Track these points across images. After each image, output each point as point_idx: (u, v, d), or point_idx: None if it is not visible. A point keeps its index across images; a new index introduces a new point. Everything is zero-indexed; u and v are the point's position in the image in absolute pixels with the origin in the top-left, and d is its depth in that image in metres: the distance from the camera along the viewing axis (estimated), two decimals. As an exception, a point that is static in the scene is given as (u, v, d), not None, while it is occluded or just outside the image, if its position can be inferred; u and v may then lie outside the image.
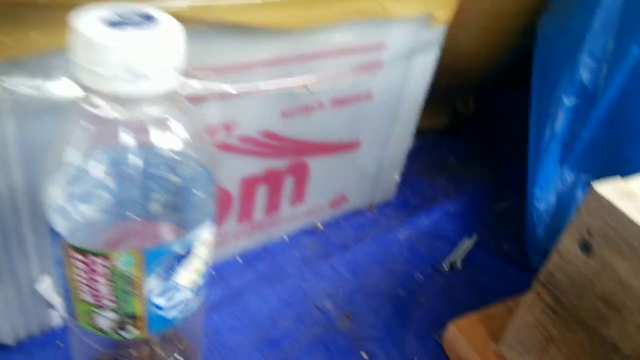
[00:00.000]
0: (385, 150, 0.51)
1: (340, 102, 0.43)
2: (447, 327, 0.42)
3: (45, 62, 0.27)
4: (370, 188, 0.54)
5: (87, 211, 0.23)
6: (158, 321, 0.26)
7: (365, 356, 0.41)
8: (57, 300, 0.36)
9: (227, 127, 0.37)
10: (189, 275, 0.26)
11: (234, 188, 0.42)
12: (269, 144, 0.41)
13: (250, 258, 0.48)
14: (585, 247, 0.31)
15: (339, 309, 0.45)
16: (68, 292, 0.25)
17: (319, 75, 0.39)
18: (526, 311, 0.36)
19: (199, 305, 0.29)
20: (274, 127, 0.40)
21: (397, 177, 0.55)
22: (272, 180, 0.44)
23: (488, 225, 0.56)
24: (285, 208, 0.47)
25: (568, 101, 0.46)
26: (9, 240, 0.32)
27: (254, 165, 0.41)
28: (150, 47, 0.20)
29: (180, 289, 0.26)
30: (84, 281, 0.24)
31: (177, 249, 0.24)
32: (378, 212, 0.56)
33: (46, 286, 0.35)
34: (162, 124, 0.23)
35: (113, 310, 0.25)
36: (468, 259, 0.51)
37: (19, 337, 0.37)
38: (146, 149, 0.23)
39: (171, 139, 0.23)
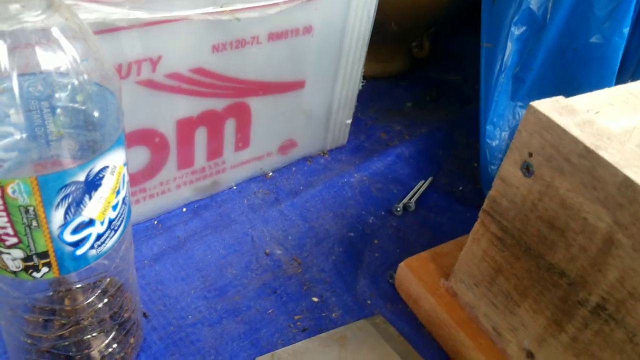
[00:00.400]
0: (333, 91, 0.49)
1: (277, 35, 0.41)
2: (399, 267, 0.41)
3: None
4: (320, 133, 0.52)
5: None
6: (70, 259, 0.24)
7: (315, 299, 0.40)
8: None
9: (151, 62, 0.35)
10: (100, 208, 0.24)
11: (168, 131, 0.39)
12: (201, 82, 0.38)
13: (196, 208, 0.46)
14: (527, 169, 0.30)
15: (289, 255, 0.43)
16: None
17: (253, 3, 0.36)
18: (473, 243, 0.35)
19: (118, 242, 0.27)
20: (204, 63, 0.38)
21: (348, 120, 0.53)
22: (211, 122, 0.41)
23: (443, 167, 0.55)
24: (230, 154, 0.45)
25: (517, 31, 0.45)
26: None
27: (189, 106, 0.39)
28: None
29: (91, 223, 0.24)
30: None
31: (79, 177, 0.22)
32: (330, 157, 0.54)
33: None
34: (48, 37, 0.21)
35: (19, 247, 0.23)
36: (422, 201, 0.50)
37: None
38: (35, 68, 0.21)
39: (60, 55, 0.21)
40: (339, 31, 0.45)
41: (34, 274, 0.24)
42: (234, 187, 0.48)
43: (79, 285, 0.28)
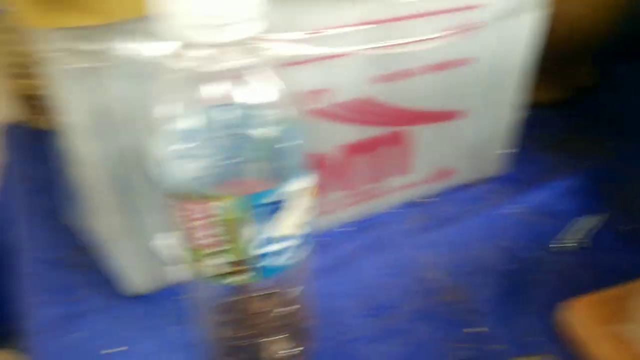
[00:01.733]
0: (491, 121, 0.49)
1: (439, 66, 0.42)
2: (563, 308, 0.39)
3: (137, 26, 0.29)
4: (477, 161, 0.52)
5: (186, 163, 0.25)
6: (264, 269, 0.27)
7: (475, 330, 0.40)
8: (169, 256, 0.39)
9: (323, 93, 0.38)
10: (293, 224, 0.27)
11: (334, 156, 0.42)
12: (365, 111, 0.41)
13: (358, 227, 0.48)
14: None
15: (447, 282, 0.43)
16: (181, 241, 0.27)
17: (415, 37, 0.38)
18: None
19: (303, 257, 0.29)
20: (369, 93, 0.40)
21: (506, 150, 0.53)
22: (373, 149, 0.44)
23: (609, 204, 0.51)
24: (390, 179, 0.47)
25: None
26: (135, 198, 0.35)
27: (354, 133, 0.42)
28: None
29: (285, 238, 0.27)
30: (192, 228, 0.25)
31: (276, 197, 0.25)
32: (486, 186, 0.53)
33: (165, 242, 0.38)
34: (248, 76, 0.24)
35: (223, 255, 0.26)
36: (586, 238, 0.47)
37: (150, 288, 0.40)
38: (236, 102, 0.24)
39: (259, 91, 0.24)
40: (500, 61, 0.45)
41: (232, 278, 0.27)
42: (392, 211, 0.50)
43: (261, 293, 0.31)
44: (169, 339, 0.38)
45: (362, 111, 0.41)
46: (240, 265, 0.27)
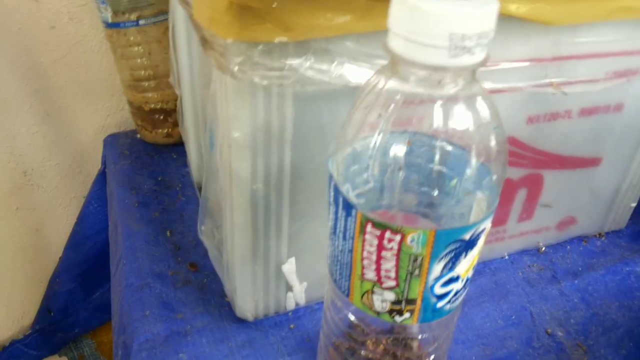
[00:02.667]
0: (626, 172, 0.46)
1: (588, 111, 0.40)
2: None
3: (329, 47, 0.28)
4: (602, 213, 0.49)
5: (380, 186, 0.23)
6: (431, 310, 0.25)
7: (606, 395, 0.37)
8: (297, 284, 0.38)
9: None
10: (467, 267, 0.25)
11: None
12: (512, 151, 0.39)
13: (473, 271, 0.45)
14: None
15: (572, 339, 0.40)
16: (346, 269, 0.26)
17: (576, 78, 0.36)
18: None
19: (459, 305, 0.27)
20: (519, 132, 0.38)
21: (633, 204, 0.49)
22: (505, 190, 0.41)
23: None
24: (512, 223, 0.45)
25: None
26: (269, 220, 0.34)
27: (493, 172, 0.40)
28: (476, 19, 0.20)
29: (457, 280, 0.25)
30: (372, 257, 0.24)
31: (466, 235, 0.23)
32: (607, 240, 0.50)
33: (291, 268, 0.37)
34: (466, 103, 0.22)
35: (393, 291, 0.25)
36: None
37: (257, 315, 0.39)
38: (444, 128, 0.22)
39: (471, 119, 0.23)
40: (646, 110, 0.42)
41: (396, 317, 0.26)
42: (506, 257, 0.47)
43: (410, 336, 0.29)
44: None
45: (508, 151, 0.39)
46: (408, 304, 0.25)
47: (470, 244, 0.24)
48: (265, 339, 0.38)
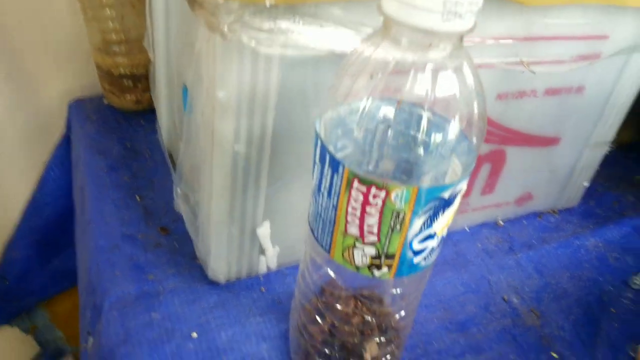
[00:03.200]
0: (582, 152, 0.49)
1: (552, 91, 0.42)
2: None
3: (317, 12, 0.29)
4: (557, 190, 0.52)
5: (366, 147, 0.24)
6: (407, 265, 0.27)
7: (555, 356, 0.40)
8: (270, 247, 0.39)
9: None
10: (443, 225, 0.26)
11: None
12: (482, 126, 0.40)
13: (434, 242, 0.47)
14: None
15: (526, 305, 0.43)
16: (329, 225, 0.27)
17: (546, 58, 0.38)
18: None
19: (432, 262, 0.29)
20: (488, 109, 0.40)
21: (586, 183, 0.53)
22: (472, 164, 0.43)
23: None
24: (475, 197, 0.47)
25: None
26: (248, 182, 0.35)
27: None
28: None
29: (434, 237, 0.26)
30: (356, 213, 0.25)
31: (445, 194, 0.25)
32: (560, 217, 0.53)
33: (266, 232, 0.38)
34: (453, 69, 0.24)
35: (374, 246, 0.26)
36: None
37: (230, 277, 0.40)
38: (432, 93, 0.24)
39: (457, 85, 0.24)
40: (606, 94, 0.45)
41: (375, 271, 0.27)
42: (467, 230, 0.50)
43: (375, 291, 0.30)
44: (249, 330, 0.37)
45: (471, 125, 0.41)
46: (387, 258, 0.26)
47: (448, 203, 0.25)
48: (237, 300, 0.39)
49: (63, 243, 0.64)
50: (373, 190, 0.24)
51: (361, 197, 0.25)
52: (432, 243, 0.27)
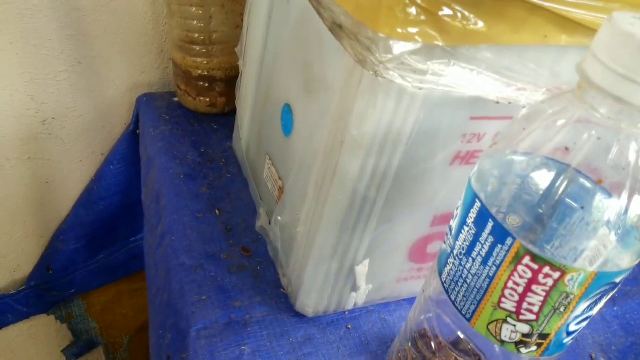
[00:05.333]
0: None
1: None
2: None
3: (473, 54, 0.27)
4: None
5: (545, 221, 0.22)
6: (557, 345, 0.25)
7: None
8: (364, 285, 0.37)
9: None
10: (600, 306, 0.24)
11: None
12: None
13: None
14: None
15: (615, 365, 0.41)
16: (477, 294, 0.25)
17: None
18: None
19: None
20: None
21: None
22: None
23: None
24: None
25: None
26: (359, 221, 0.33)
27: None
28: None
29: (589, 319, 0.24)
30: (517, 289, 0.23)
31: (619, 279, 0.23)
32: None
33: (363, 269, 0.36)
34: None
35: (530, 324, 0.24)
36: None
37: (317, 311, 0.38)
38: (632, 172, 0.22)
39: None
40: None
41: (522, 349, 0.25)
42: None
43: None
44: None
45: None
46: (540, 338, 0.24)
47: (616, 286, 0.23)
48: (324, 337, 0.37)
49: (111, 239, 0.63)
50: (546, 269, 0.22)
51: (529, 275, 0.23)
52: (585, 324, 0.25)
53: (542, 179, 0.23)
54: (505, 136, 0.25)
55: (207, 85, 0.52)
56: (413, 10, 0.25)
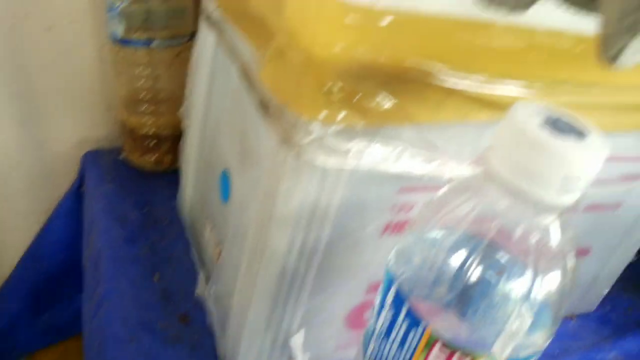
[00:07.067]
0: (608, 261, 0.49)
1: (592, 208, 0.42)
2: None
3: (395, 133, 0.28)
4: (578, 297, 0.51)
5: (457, 308, 0.23)
6: None
7: None
8: (300, 356, 0.37)
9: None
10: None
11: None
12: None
13: None
14: None
15: None
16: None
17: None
18: None
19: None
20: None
21: (606, 290, 0.52)
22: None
23: None
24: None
25: None
26: (291, 293, 0.33)
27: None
28: (587, 160, 0.20)
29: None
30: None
31: (530, 361, 0.23)
32: (578, 323, 0.52)
33: (298, 340, 0.35)
34: (546, 236, 0.22)
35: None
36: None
37: (254, 381, 0.37)
38: (521, 256, 0.22)
39: (548, 251, 0.23)
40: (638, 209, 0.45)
41: None
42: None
43: None
44: None
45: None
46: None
47: (528, 367, 0.24)
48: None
49: (56, 297, 0.61)
50: (457, 356, 0.23)
51: (443, 358, 0.23)
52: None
53: (451, 264, 0.23)
54: (419, 220, 0.25)
55: (153, 143, 0.52)
56: (333, 95, 0.26)
